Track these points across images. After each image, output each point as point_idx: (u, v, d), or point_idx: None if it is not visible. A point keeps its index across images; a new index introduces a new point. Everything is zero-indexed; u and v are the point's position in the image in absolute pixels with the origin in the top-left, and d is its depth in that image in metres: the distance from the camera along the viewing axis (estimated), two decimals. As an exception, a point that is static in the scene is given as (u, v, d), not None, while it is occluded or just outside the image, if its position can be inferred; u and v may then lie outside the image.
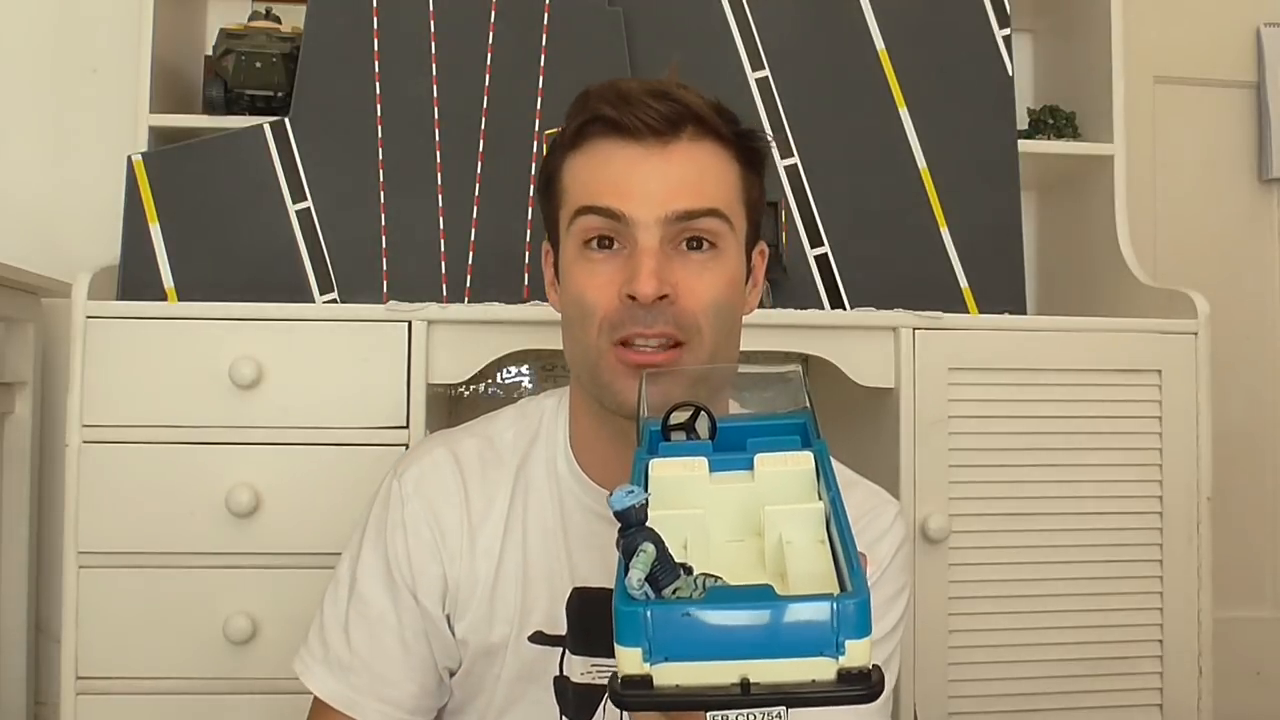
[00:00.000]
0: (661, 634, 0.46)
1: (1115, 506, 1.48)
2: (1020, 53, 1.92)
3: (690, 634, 0.46)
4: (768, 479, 0.58)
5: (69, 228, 1.80)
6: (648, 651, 0.46)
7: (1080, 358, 1.48)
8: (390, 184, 1.54)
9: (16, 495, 1.65)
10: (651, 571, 0.49)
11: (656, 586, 0.49)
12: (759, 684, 0.46)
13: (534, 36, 1.57)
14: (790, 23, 1.64)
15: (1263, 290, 2.06)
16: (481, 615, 0.93)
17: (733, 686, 0.46)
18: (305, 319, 1.40)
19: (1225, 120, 2.06)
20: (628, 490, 0.53)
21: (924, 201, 1.62)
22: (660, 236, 0.85)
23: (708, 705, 0.46)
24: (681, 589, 0.49)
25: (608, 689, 0.48)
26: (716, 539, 0.57)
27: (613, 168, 0.87)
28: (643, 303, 0.83)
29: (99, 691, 1.34)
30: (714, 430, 0.63)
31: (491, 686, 0.94)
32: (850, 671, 0.45)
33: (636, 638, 0.46)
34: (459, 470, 0.96)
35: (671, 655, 0.46)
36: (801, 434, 0.63)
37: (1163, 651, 1.48)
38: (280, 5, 1.66)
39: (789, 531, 0.55)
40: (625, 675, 0.46)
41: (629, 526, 0.51)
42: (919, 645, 1.42)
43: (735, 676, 0.46)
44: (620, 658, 0.46)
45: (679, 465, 0.60)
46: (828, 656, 0.45)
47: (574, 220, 0.88)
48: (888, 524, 0.95)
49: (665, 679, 0.46)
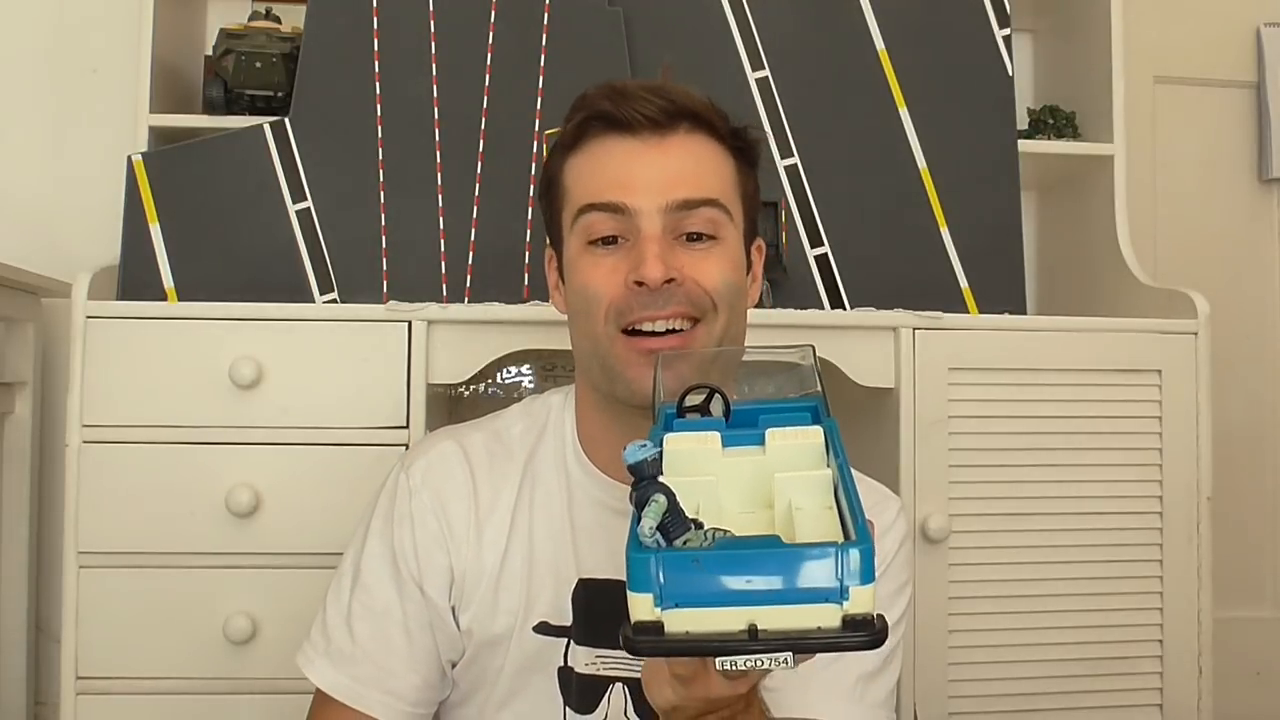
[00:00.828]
0: (672, 581, 0.47)
1: (1115, 506, 1.48)
2: (1020, 53, 1.92)
3: (699, 581, 0.47)
4: (778, 452, 0.60)
5: (69, 228, 1.80)
6: (658, 597, 0.47)
7: (1080, 358, 1.48)
8: (390, 184, 1.54)
9: (16, 495, 1.65)
10: (663, 523, 0.50)
11: (668, 537, 0.50)
12: (766, 630, 0.47)
13: (534, 36, 1.57)
14: (790, 23, 1.64)
15: (1263, 290, 2.06)
16: (486, 606, 0.94)
17: (741, 633, 0.47)
18: (305, 319, 1.40)
19: (1225, 120, 2.06)
20: (640, 444, 0.55)
21: (924, 201, 1.62)
22: (663, 225, 0.86)
23: (717, 651, 0.48)
24: (692, 540, 0.50)
25: (620, 636, 0.49)
26: (729, 509, 0.58)
27: (613, 163, 0.88)
28: (651, 287, 0.84)
29: (99, 691, 1.34)
30: (728, 412, 0.64)
31: (494, 678, 0.95)
32: (854, 618, 0.47)
33: (648, 584, 0.47)
34: (467, 462, 0.96)
35: (681, 602, 0.47)
36: (813, 414, 0.63)
37: (1163, 651, 1.48)
38: (280, 5, 1.66)
39: (798, 498, 0.56)
40: (637, 621, 0.48)
41: (642, 479, 0.53)
42: (919, 645, 1.42)
43: (743, 623, 0.47)
44: (632, 604, 0.48)
45: (693, 439, 0.61)
46: (833, 603, 0.46)
47: (577, 219, 0.89)
48: (890, 520, 0.95)
49: (675, 625, 0.47)
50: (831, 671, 0.87)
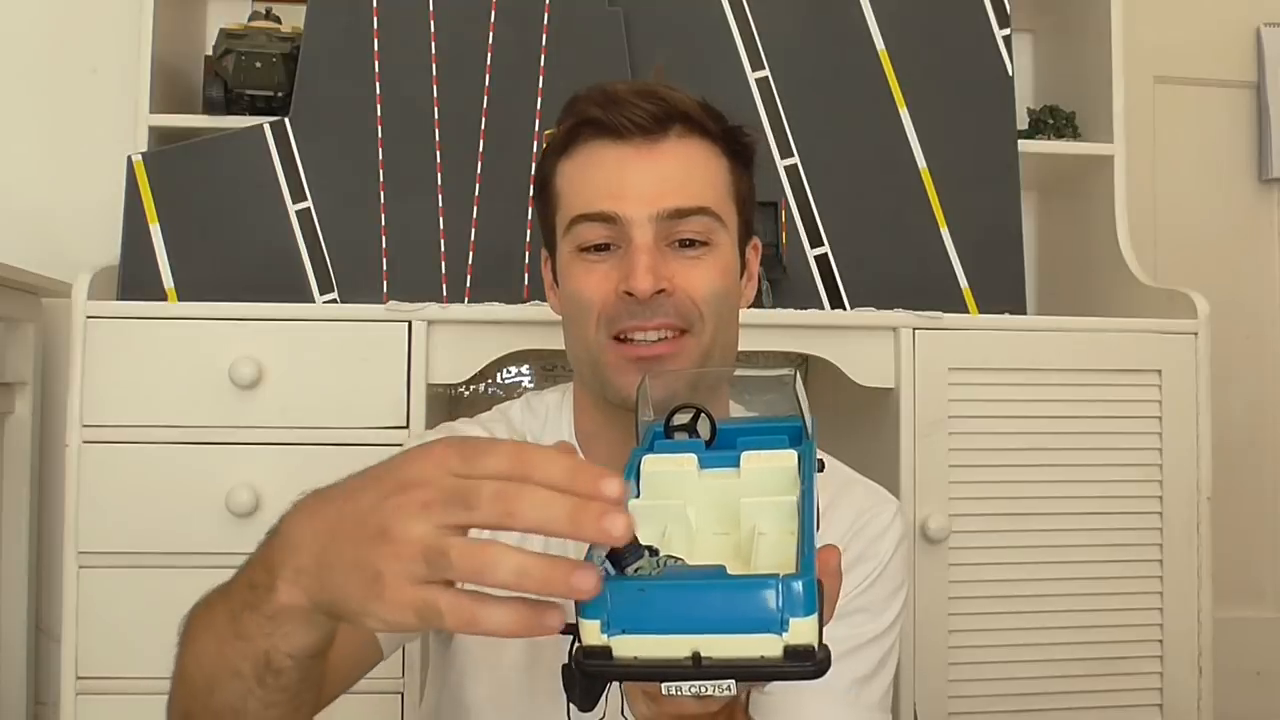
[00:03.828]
0: (619, 607, 0.48)
1: (1115, 506, 1.48)
2: (1020, 53, 1.92)
3: (645, 609, 0.48)
4: (752, 475, 0.61)
5: (69, 228, 1.79)
6: (606, 624, 0.49)
7: (1080, 358, 1.48)
8: (390, 184, 1.54)
9: (16, 495, 1.65)
10: (614, 551, 0.51)
11: (619, 564, 0.51)
12: (710, 658, 0.48)
13: (534, 37, 1.57)
14: (790, 23, 1.64)
15: (1263, 290, 2.06)
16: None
17: (685, 660, 0.48)
18: (305, 319, 1.40)
19: (1225, 120, 2.06)
20: None
21: (924, 201, 1.62)
22: (654, 234, 0.87)
23: (661, 676, 0.49)
24: (643, 567, 0.51)
25: (571, 657, 0.51)
26: (703, 531, 0.59)
27: (604, 170, 0.88)
28: (640, 298, 0.85)
29: (99, 691, 1.34)
30: (714, 431, 0.65)
31: (489, 674, 0.94)
32: (796, 649, 0.47)
33: (596, 610, 0.49)
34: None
35: (628, 628, 0.48)
36: (792, 435, 0.65)
37: (1163, 651, 1.48)
38: (280, 5, 1.66)
39: (763, 523, 0.57)
40: (586, 646, 0.49)
41: None
42: (919, 645, 1.42)
43: (688, 650, 0.48)
44: (582, 629, 0.49)
45: (670, 461, 0.62)
46: (773, 634, 0.47)
47: (569, 228, 0.90)
48: (887, 522, 0.95)
49: (624, 651, 0.49)
50: (825, 677, 0.87)
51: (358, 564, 0.51)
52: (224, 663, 0.62)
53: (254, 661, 0.60)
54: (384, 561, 0.50)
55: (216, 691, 0.63)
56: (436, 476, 0.50)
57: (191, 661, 0.67)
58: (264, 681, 0.61)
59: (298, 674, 0.61)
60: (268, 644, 0.59)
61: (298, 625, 0.57)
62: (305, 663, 0.60)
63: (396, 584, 0.50)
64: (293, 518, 0.59)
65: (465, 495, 0.49)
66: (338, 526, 0.54)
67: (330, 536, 0.54)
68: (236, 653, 0.61)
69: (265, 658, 0.59)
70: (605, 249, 0.88)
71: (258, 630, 0.59)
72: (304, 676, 0.62)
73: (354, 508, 0.53)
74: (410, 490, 0.51)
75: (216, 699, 0.64)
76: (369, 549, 0.51)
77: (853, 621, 0.89)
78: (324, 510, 0.56)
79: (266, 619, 0.58)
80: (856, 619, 0.89)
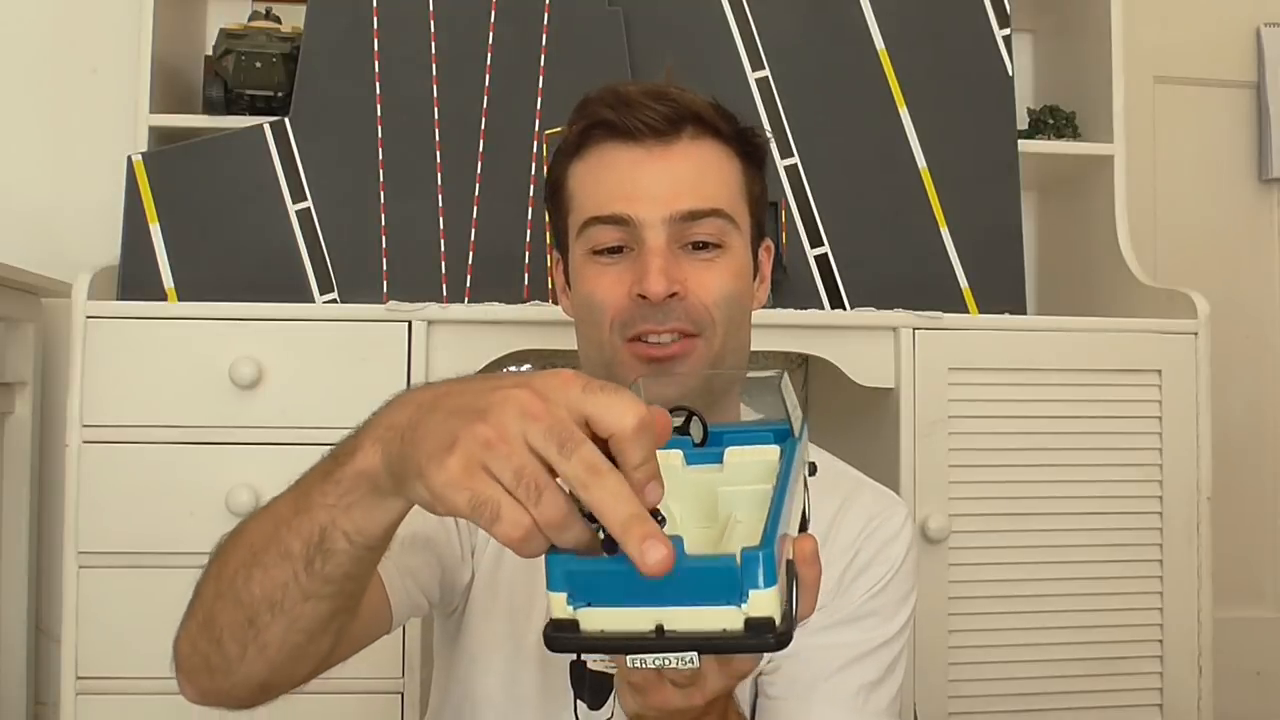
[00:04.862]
0: (582, 580, 0.50)
1: (1115, 506, 1.48)
2: (1020, 53, 1.92)
3: (608, 581, 0.49)
4: (734, 468, 0.62)
5: (69, 228, 1.79)
6: (571, 596, 0.50)
7: (1080, 358, 1.48)
8: (390, 184, 1.54)
9: (16, 495, 1.65)
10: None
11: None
12: (673, 631, 0.49)
13: (534, 37, 1.57)
14: (790, 23, 1.64)
15: (1263, 290, 2.06)
16: (490, 598, 0.93)
17: (649, 632, 0.49)
18: (305, 319, 1.40)
19: (1225, 120, 2.06)
20: None
21: (924, 201, 1.62)
22: (667, 236, 0.87)
23: (624, 649, 0.51)
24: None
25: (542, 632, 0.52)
26: (686, 524, 0.60)
27: (616, 172, 0.88)
28: (653, 301, 0.85)
29: (99, 691, 1.34)
30: (706, 433, 0.66)
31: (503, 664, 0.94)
32: (756, 621, 0.48)
33: (560, 582, 0.50)
34: None
35: (593, 600, 0.50)
36: (777, 435, 0.66)
37: (1163, 651, 1.48)
38: (280, 5, 1.66)
39: (739, 511, 0.58)
40: (554, 619, 0.50)
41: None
42: (919, 645, 1.42)
43: (651, 623, 0.49)
44: (550, 602, 0.50)
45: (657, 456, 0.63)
46: (733, 605, 0.48)
47: (582, 231, 0.90)
48: (898, 526, 0.95)
49: (590, 624, 0.50)
50: (833, 682, 0.87)
51: (445, 428, 0.52)
52: (276, 543, 0.62)
53: (307, 540, 0.60)
54: (466, 434, 0.50)
55: (256, 578, 0.63)
56: (555, 404, 0.50)
57: (232, 553, 0.67)
58: (311, 565, 0.61)
59: (345, 564, 0.61)
60: (328, 517, 0.59)
61: (364, 495, 0.58)
62: (355, 553, 0.60)
63: (465, 459, 0.50)
64: (402, 394, 0.59)
65: (565, 441, 0.50)
66: (445, 398, 0.54)
67: (434, 404, 0.54)
68: (292, 531, 0.61)
69: (321, 534, 0.60)
70: (618, 251, 0.88)
71: (323, 500, 0.59)
72: (347, 574, 0.62)
73: (470, 387, 0.54)
74: (529, 399, 0.51)
75: (254, 587, 0.64)
76: (461, 420, 0.51)
77: (863, 626, 0.89)
78: (438, 387, 0.57)
79: (336, 484, 0.58)
80: (867, 623, 0.89)
